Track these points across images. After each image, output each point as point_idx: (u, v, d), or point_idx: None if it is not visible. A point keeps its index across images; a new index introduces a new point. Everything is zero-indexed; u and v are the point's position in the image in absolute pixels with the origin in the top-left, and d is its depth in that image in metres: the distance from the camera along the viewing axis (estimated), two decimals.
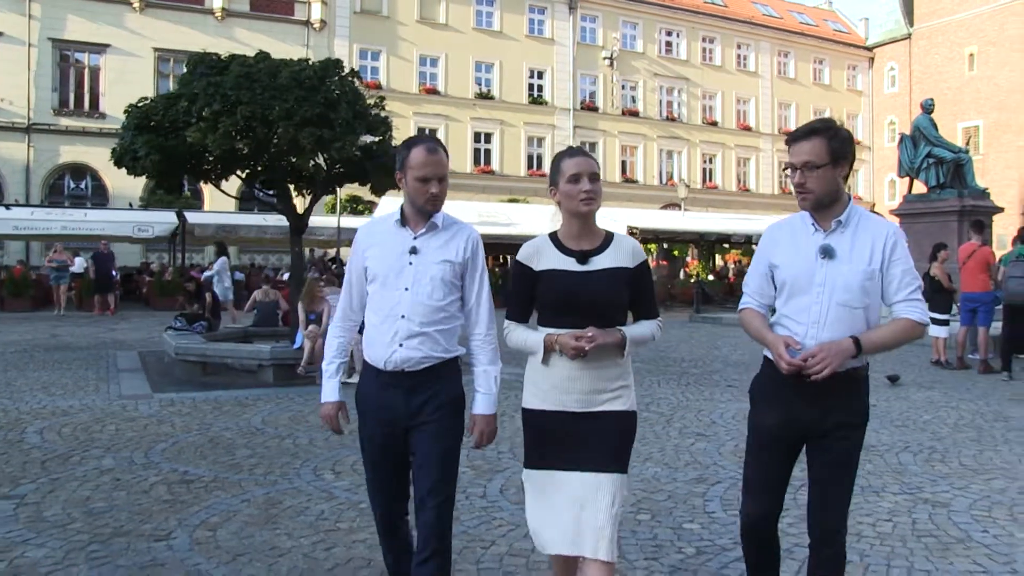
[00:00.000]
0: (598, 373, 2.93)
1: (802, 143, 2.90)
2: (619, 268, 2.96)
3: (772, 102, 47.39)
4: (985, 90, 44.48)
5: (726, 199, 43.86)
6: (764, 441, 3.03)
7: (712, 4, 46.25)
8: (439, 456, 3.03)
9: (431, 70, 38.20)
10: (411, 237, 3.07)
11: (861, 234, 2.91)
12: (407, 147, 3.08)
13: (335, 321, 3.27)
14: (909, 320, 2.88)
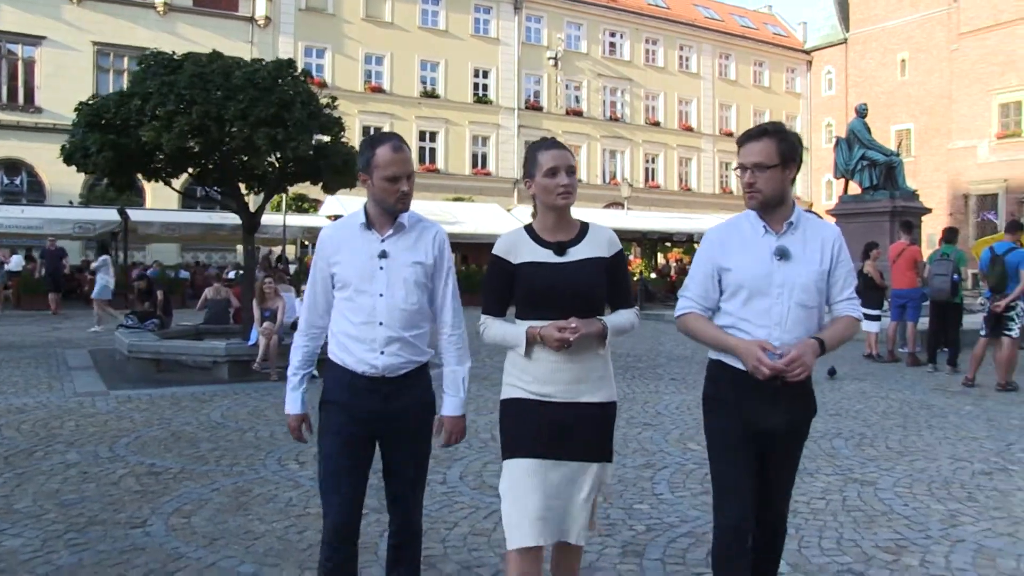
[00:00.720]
0: (580, 364, 2.94)
1: (753, 144, 2.94)
2: (596, 258, 2.97)
3: (713, 103, 48.20)
4: (916, 95, 45.90)
5: (668, 198, 44.51)
6: (731, 446, 2.99)
7: (655, 6, 46.91)
8: (410, 463, 3.09)
9: (376, 68, 38.17)
10: (379, 240, 3.02)
11: (811, 236, 2.97)
12: (371, 146, 3.00)
13: (300, 330, 3.16)
14: (852, 318, 2.99)
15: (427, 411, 3.14)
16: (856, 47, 49.49)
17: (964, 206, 42.14)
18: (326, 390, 3.08)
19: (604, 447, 3.01)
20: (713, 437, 3.07)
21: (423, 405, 3.11)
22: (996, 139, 41.80)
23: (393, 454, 3.08)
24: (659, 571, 4.09)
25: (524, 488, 2.89)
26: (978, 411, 8.40)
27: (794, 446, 3.06)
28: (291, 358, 3.18)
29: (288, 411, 3.18)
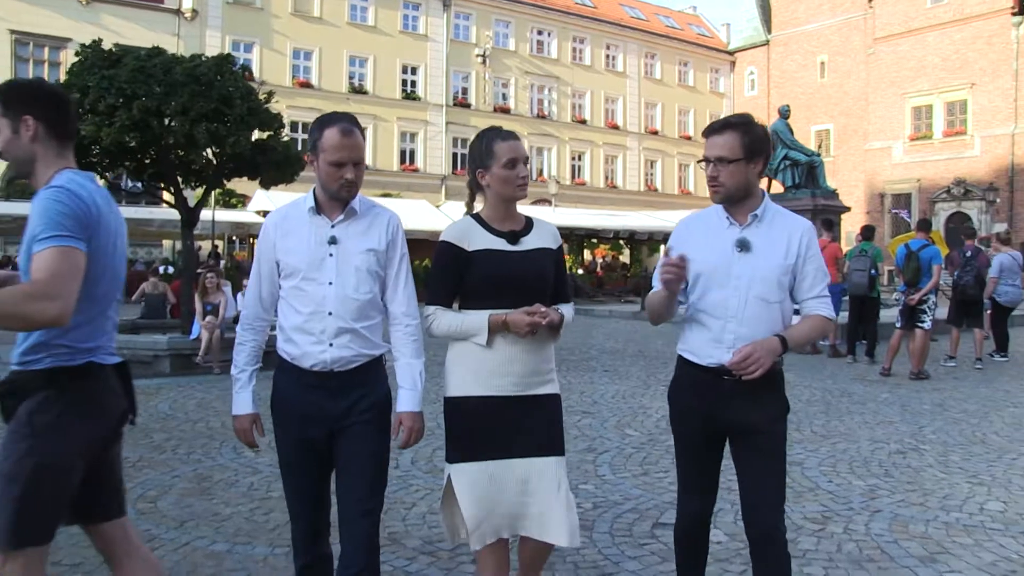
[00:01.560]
0: (534, 355, 2.92)
1: (716, 137, 2.89)
2: (545, 249, 3.01)
3: (639, 102, 48.87)
4: (835, 96, 47.44)
5: (594, 195, 45.04)
6: (690, 441, 3.00)
7: (582, 5, 47.44)
8: (368, 462, 2.82)
9: (305, 63, 37.83)
10: (328, 225, 2.83)
11: (776, 229, 2.90)
12: (320, 127, 2.80)
13: (244, 323, 2.96)
14: (821, 316, 2.91)
15: (383, 407, 2.90)
16: (778, 49, 50.86)
17: (880, 204, 43.77)
18: (276, 390, 2.89)
19: (559, 441, 2.98)
20: (675, 433, 3.08)
21: (378, 401, 2.87)
22: (909, 140, 43.52)
23: (346, 452, 2.82)
24: (608, 542, 4.40)
25: (480, 493, 2.85)
26: (893, 398, 8.96)
27: (767, 446, 2.89)
28: (235, 356, 2.95)
29: (236, 412, 2.93)
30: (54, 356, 2.46)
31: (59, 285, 2.26)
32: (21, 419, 2.44)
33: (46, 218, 2.33)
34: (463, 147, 42.64)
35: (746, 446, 2.90)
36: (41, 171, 2.54)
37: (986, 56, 40.60)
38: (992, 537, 4.50)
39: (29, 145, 2.52)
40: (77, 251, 2.33)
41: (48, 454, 2.43)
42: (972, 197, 40.76)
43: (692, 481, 3.03)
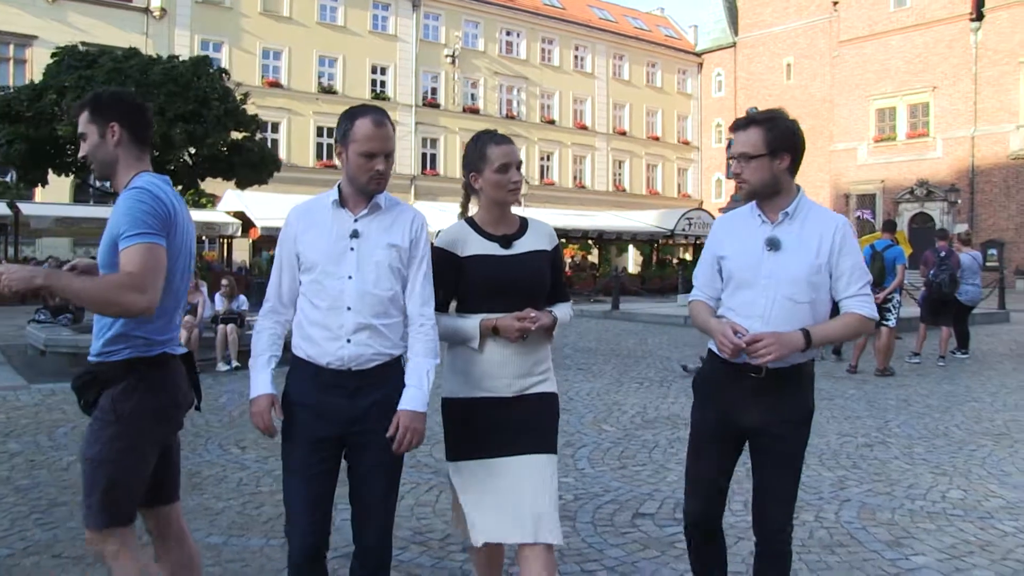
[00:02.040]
0: (528, 357, 2.93)
1: (739, 134, 2.87)
2: (540, 251, 2.99)
3: (607, 102, 49.31)
4: (801, 98, 48.05)
5: (563, 196, 45.29)
6: (706, 437, 2.97)
7: (551, 6, 47.75)
8: (384, 471, 2.77)
9: (274, 63, 37.82)
10: (351, 219, 2.77)
11: (809, 226, 2.84)
12: (350, 118, 2.75)
13: (263, 314, 2.89)
14: (858, 315, 2.82)
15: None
16: (744, 51, 51.46)
17: (845, 205, 44.41)
18: (288, 390, 2.81)
19: (549, 439, 2.96)
20: (694, 426, 3.05)
21: (396, 405, 2.76)
22: (873, 142, 44.27)
23: (361, 461, 2.77)
24: (591, 531, 4.58)
25: (480, 489, 2.86)
26: (860, 394, 9.24)
27: (785, 449, 2.86)
28: (253, 344, 2.86)
29: (254, 394, 2.76)
30: (133, 347, 2.67)
31: (148, 279, 2.51)
32: (105, 407, 2.66)
33: (131, 217, 2.56)
34: (432, 147, 42.80)
35: (763, 446, 2.86)
36: (122, 173, 2.78)
37: (947, 60, 41.44)
38: (953, 522, 4.75)
39: (113, 150, 2.76)
40: (160, 247, 2.58)
41: (132, 439, 2.66)
42: (934, 198, 41.54)
43: (699, 481, 2.97)
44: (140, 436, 2.67)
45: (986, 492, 5.39)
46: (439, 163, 42.92)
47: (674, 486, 5.41)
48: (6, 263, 2.82)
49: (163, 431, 2.73)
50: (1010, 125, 39.64)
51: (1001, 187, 40.20)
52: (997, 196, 40.38)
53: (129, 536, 2.70)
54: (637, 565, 4.08)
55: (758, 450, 2.89)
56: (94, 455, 2.64)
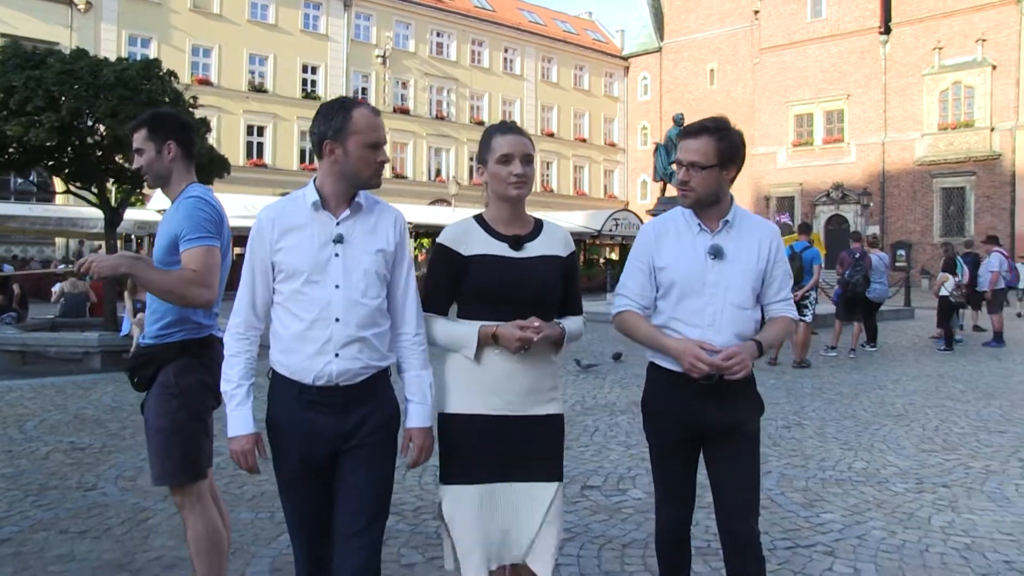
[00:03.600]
0: (533, 372, 2.70)
1: (690, 141, 2.80)
2: (553, 256, 2.76)
3: (536, 104, 49.94)
4: (723, 103, 49.47)
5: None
6: (667, 448, 2.93)
7: (481, 9, 48.22)
8: (374, 487, 2.63)
9: (204, 60, 37.44)
10: (333, 222, 2.59)
11: (746, 234, 2.86)
12: (345, 109, 2.56)
13: (235, 333, 2.67)
14: (789, 318, 2.92)
15: (391, 426, 2.69)
16: (670, 56, 52.76)
17: (766, 207, 45.96)
18: (272, 412, 2.66)
19: (556, 464, 2.77)
20: (652, 442, 3.01)
21: (386, 418, 2.67)
22: (792, 147, 45.93)
23: (350, 479, 2.61)
24: None
25: (472, 518, 2.65)
26: (780, 383, 10.05)
27: (743, 447, 2.89)
28: (226, 371, 2.66)
29: (234, 433, 2.61)
30: (186, 330, 3.12)
31: (210, 277, 2.97)
32: (167, 382, 3.09)
33: (192, 222, 3.01)
34: None
35: (722, 448, 2.86)
36: (175, 184, 3.20)
37: (860, 70, 43.31)
38: (856, 487, 5.51)
39: (169, 164, 3.19)
40: (216, 249, 3.03)
41: (195, 408, 3.10)
42: (849, 201, 43.33)
43: (671, 489, 2.96)
44: (199, 406, 3.11)
45: (884, 462, 6.17)
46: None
47: (616, 463, 6.03)
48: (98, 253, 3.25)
49: (214, 402, 3.17)
50: (916, 133, 41.68)
51: (908, 192, 42.18)
52: (905, 200, 42.35)
53: (204, 489, 3.18)
54: (589, 527, 4.68)
55: (718, 451, 2.87)
56: (164, 426, 3.07)
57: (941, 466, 6.08)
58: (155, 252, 3.18)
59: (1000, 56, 39.42)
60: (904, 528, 4.67)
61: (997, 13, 39.55)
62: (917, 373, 11.10)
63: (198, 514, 3.15)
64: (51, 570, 4.01)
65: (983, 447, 6.67)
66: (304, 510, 2.67)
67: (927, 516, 4.90)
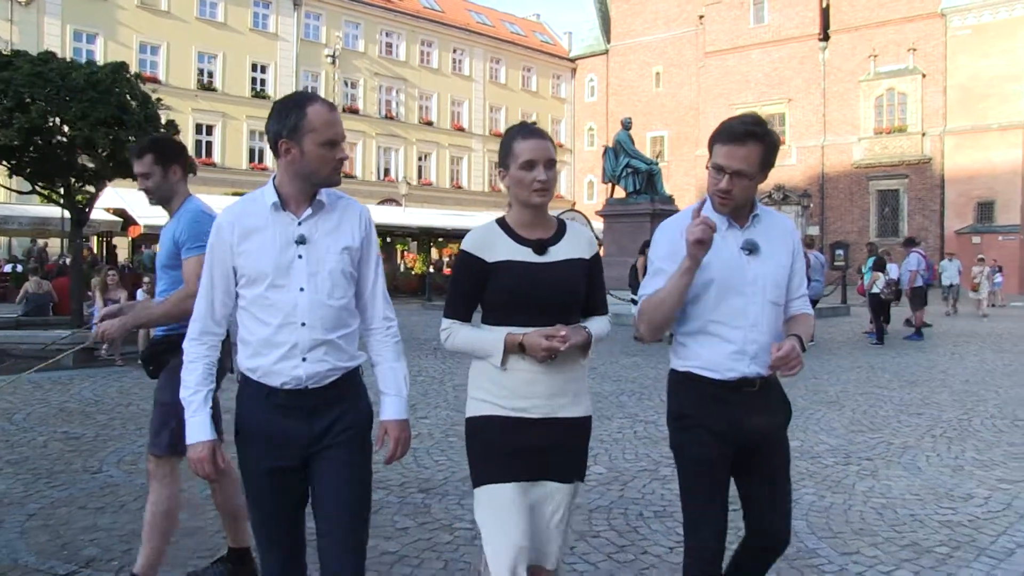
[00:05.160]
0: (559, 376, 2.65)
1: (736, 148, 2.61)
2: (577, 259, 2.71)
3: (484, 105, 50.56)
4: (669, 105, 50.73)
5: (440, 196, 46.17)
6: (703, 466, 2.71)
7: (430, 9, 48.57)
8: (352, 489, 2.56)
9: (152, 58, 37.21)
10: (295, 223, 2.53)
11: (772, 229, 2.77)
12: (299, 106, 2.49)
13: (193, 338, 2.62)
14: (809, 315, 2.85)
15: (364, 425, 2.64)
16: (616, 58, 53.76)
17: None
18: (240, 416, 2.60)
19: (580, 465, 2.75)
20: (686, 459, 2.77)
21: (359, 417, 2.62)
22: None
23: (325, 481, 2.55)
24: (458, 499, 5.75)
25: (507, 517, 2.59)
26: None
27: (778, 453, 2.81)
28: (184, 376, 2.61)
29: (191, 440, 2.55)
30: None
31: None
32: (178, 367, 3.35)
33: (192, 232, 3.45)
34: None
35: (762, 455, 2.75)
36: (176, 200, 3.66)
37: (800, 75, 44.77)
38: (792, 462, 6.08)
39: (174, 186, 3.65)
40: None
41: None
42: (790, 202, 44.64)
43: (710, 510, 2.70)
44: None
45: (817, 440, 6.93)
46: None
47: None
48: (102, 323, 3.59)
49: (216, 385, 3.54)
50: (853, 137, 43.34)
51: (846, 193, 43.73)
52: (843, 202, 43.88)
53: (176, 465, 3.55)
54: None
55: (756, 461, 2.76)
56: (167, 400, 3.37)
57: (866, 443, 6.82)
58: (159, 258, 3.62)
59: (929, 65, 41.22)
60: (832, 493, 5.37)
61: (925, 24, 41.39)
62: (851, 364, 11.97)
63: (165, 485, 3.55)
64: (81, 539, 4.46)
65: (903, 427, 7.46)
66: (275, 520, 2.59)
67: (852, 483, 5.61)
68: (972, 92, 40.14)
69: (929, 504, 5.12)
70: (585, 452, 2.78)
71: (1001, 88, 39.59)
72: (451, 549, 4.30)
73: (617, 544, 4.40)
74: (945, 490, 5.46)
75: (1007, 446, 6.74)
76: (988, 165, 39.86)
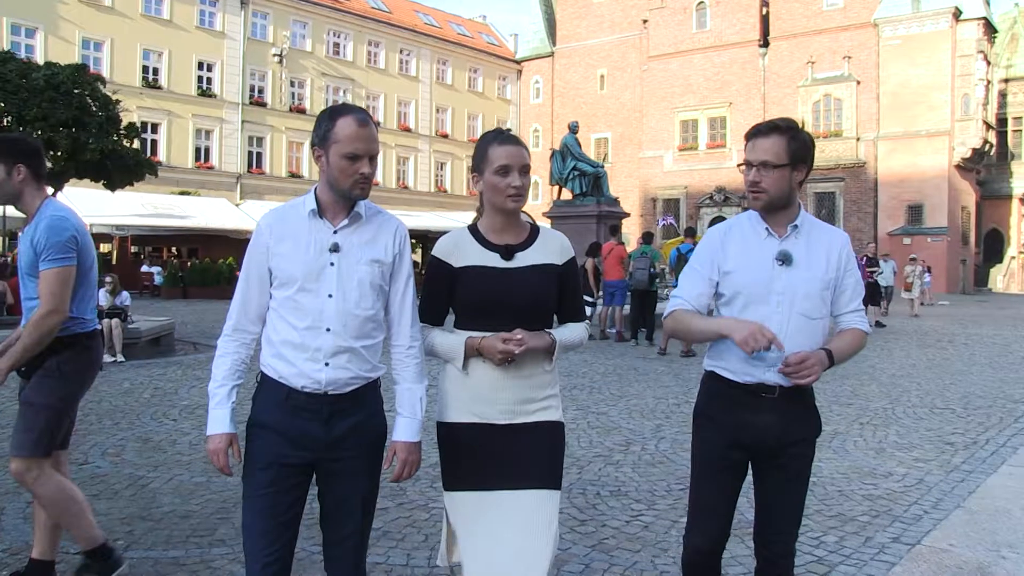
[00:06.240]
0: (525, 382, 2.67)
1: (761, 140, 2.71)
2: (547, 265, 2.72)
3: (431, 106, 50.78)
4: (613, 107, 51.61)
5: (387, 196, 45.87)
6: (715, 462, 2.78)
7: (378, 10, 48.70)
8: (360, 502, 2.62)
9: (95, 54, 36.70)
10: (330, 231, 2.58)
11: (815, 241, 2.77)
12: (331, 117, 2.56)
13: (227, 334, 2.66)
14: (860, 331, 2.81)
15: (378, 438, 2.67)
16: (562, 60, 54.46)
17: (653, 209, 48.10)
18: (256, 409, 2.63)
19: (551, 473, 2.72)
20: (699, 453, 2.85)
21: (373, 430, 2.65)
22: (678, 151, 48.28)
23: (334, 491, 2.61)
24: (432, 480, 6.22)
25: (473, 527, 2.64)
26: (668, 370, 11.38)
27: (796, 468, 2.79)
28: (215, 369, 2.64)
29: (211, 431, 2.59)
30: (74, 324, 3.57)
31: (61, 298, 3.42)
32: (51, 367, 3.53)
33: (50, 242, 3.40)
34: (258, 146, 42.89)
35: (773, 467, 2.77)
36: (28, 203, 3.54)
37: (741, 79, 45.97)
38: None
39: (18, 186, 3.53)
40: (71, 268, 3.47)
41: (70, 391, 3.61)
42: (731, 203, 45.81)
43: (710, 509, 2.79)
44: (76, 390, 3.62)
45: None
46: (265, 162, 43.13)
47: None
48: None
49: (87, 386, 3.72)
50: None
51: None
52: None
53: (46, 464, 3.56)
54: None
55: (769, 470, 2.78)
56: (36, 401, 3.48)
57: None
58: (20, 265, 3.56)
59: (863, 73, 42.76)
60: None
61: (859, 33, 42.93)
62: None
63: (42, 482, 3.53)
64: None
65: (834, 416, 8.06)
66: (268, 522, 2.55)
67: None
68: (903, 99, 41.78)
69: (854, 481, 5.70)
70: (558, 459, 2.75)
71: (928, 97, 41.34)
72: (429, 525, 4.75)
73: (579, 519, 4.88)
74: (869, 469, 6.07)
75: (925, 431, 7.43)
76: (917, 170, 41.52)
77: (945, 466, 6.17)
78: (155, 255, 36.77)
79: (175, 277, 30.03)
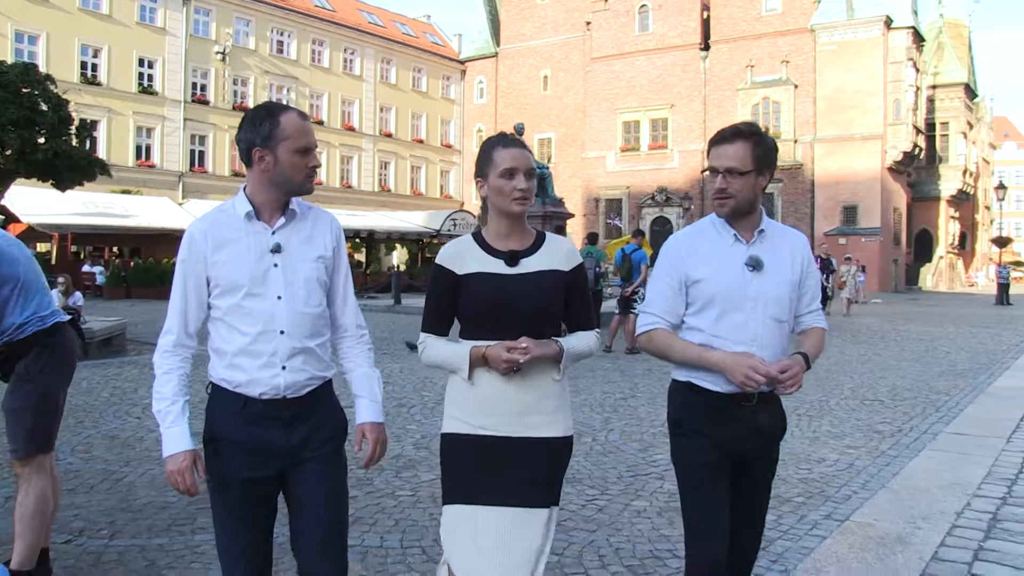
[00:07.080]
0: (531, 393, 2.59)
1: (725, 147, 2.70)
2: (553, 271, 2.65)
3: (375, 105, 50.86)
4: (556, 108, 52.17)
5: (330, 195, 45.56)
6: (707, 475, 2.73)
7: (322, 8, 48.59)
8: (331, 500, 2.58)
9: (30, 48, 35.98)
10: (268, 232, 2.55)
11: (779, 244, 2.78)
12: (272, 115, 2.51)
13: (166, 350, 2.57)
14: (821, 329, 2.85)
15: (340, 434, 2.66)
16: (506, 61, 54.88)
17: (596, 208, 48.76)
18: (213, 427, 2.55)
19: (552, 489, 2.65)
20: (686, 466, 2.79)
21: (334, 427, 2.64)
22: (621, 151, 48.99)
23: (304, 495, 2.56)
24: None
25: (463, 538, 2.58)
26: (615, 367, 11.81)
27: (767, 470, 2.85)
28: (159, 388, 2.54)
29: (170, 451, 2.50)
30: (33, 325, 3.62)
31: None
32: (20, 371, 3.62)
33: None
34: (201, 144, 42.53)
35: (748, 473, 2.78)
36: None
37: (683, 82, 46.88)
38: None
39: None
40: None
41: (45, 390, 3.65)
42: (672, 204, 46.69)
43: (711, 521, 2.71)
44: (51, 384, 3.65)
45: None
46: (208, 160, 42.84)
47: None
48: None
49: (66, 380, 3.77)
50: None
51: None
52: None
53: (44, 461, 3.64)
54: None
55: (747, 477, 2.78)
56: (14, 406, 3.58)
57: None
58: None
59: (801, 77, 43.98)
60: None
61: (797, 39, 44.17)
62: None
63: (34, 483, 3.61)
64: (65, 515, 4.88)
65: None
66: (245, 535, 2.55)
67: None
68: (838, 103, 43.07)
69: (790, 467, 6.13)
70: (559, 475, 2.68)
71: (862, 101, 42.69)
72: (398, 511, 5.06)
73: None
74: (804, 455, 6.53)
75: (856, 421, 7.95)
76: (852, 172, 42.85)
77: (873, 452, 6.66)
78: (96, 255, 36.17)
79: (118, 277, 29.62)
